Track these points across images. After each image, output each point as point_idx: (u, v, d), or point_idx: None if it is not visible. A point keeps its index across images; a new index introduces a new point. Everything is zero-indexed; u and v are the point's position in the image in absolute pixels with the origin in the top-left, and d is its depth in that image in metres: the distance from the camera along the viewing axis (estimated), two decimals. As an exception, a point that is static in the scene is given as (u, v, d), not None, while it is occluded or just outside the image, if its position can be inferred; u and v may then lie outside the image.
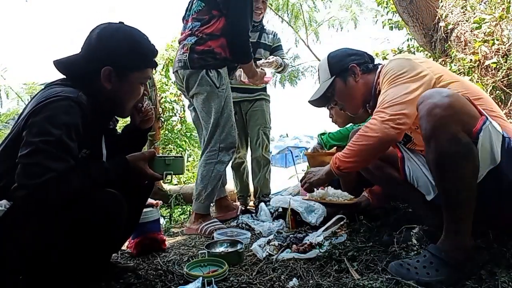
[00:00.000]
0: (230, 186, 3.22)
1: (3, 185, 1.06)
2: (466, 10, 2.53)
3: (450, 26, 2.60)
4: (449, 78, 1.38)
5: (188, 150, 5.40)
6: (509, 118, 2.09)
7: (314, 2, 8.36)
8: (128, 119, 1.52)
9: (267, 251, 1.61)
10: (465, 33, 2.49)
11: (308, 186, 1.70)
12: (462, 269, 1.12)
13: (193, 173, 4.98)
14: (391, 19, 4.32)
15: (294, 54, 9.29)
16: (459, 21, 2.56)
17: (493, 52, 2.21)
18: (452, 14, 2.62)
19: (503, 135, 1.15)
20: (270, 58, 2.75)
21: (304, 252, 1.55)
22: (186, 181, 4.79)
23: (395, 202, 2.02)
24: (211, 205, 2.44)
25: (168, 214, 3.44)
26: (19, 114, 1.19)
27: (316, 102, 1.78)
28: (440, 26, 2.68)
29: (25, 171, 1.00)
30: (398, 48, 3.71)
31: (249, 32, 2.20)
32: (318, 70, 1.78)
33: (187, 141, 5.28)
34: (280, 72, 2.85)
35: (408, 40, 3.85)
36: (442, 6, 2.68)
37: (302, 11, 8.30)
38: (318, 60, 8.16)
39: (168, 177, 1.34)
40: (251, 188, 3.12)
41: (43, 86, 1.26)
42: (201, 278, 1.26)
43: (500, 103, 2.17)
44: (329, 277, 1.31)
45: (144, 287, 1.34)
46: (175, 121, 5.30)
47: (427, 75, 1.36)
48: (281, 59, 2.79)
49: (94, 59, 1.22)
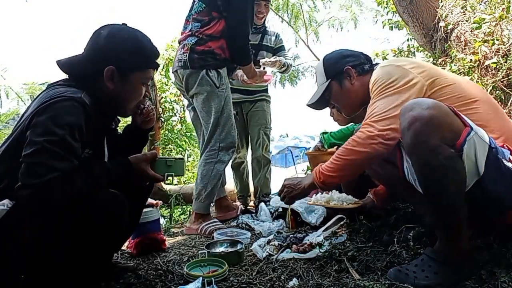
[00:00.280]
0: (230, 186, 3.22)
1: (6, 184, 1.06)
2: (466, 10, 2.53)
3: (450, 26, 2.60)
4: (443, 82, 1.33)
5: (188, 150, 5.41)
6: (509, 118, 2.08)
7: (314, 2, 8.38)
8: (128, 119, 1.53)
9: (267, 251, 1.61)
10: (465, 33, 2.49)
11: (288, 201, 1.62)
12: (461, 270, 1.12)
13: (193, 173, 4.98)
14: (391, 19, 4.32)
15: (294, 54, 9.31)
16: (459, 21, 2.56)
17: (493, 52, 2.21)
18: (452, 14, 2.62)
19: (490, 145, 1.10)
20: (273, 58, 2.75)
21: (304, 252, 1.55)
22: (186, 181, 4.79)
23: (395, 202, 2.02)
24: (211, 205, 2.44)
25: (168, 214, 3.44)
26: (22, 114, 1.19)
27: (314, 105, 1.78)
28: (440, 26, 2.68)
29: (29, 171, 1.00)
30: (398, 48, 3.71)
31: (249, 36, 2.21)
32: (315, 72, 1.78)
33: (187, 141, 5.29)
34: (283, 72, 2.85)
35: (408, 40, 3.84)
36: (442, 6, 2.67)
37: (302, 11, 8.32)
38: (318, 60, 8.16)
39: (169, 178, 1.35)
40: (251, 188, 3.12)
41: (45, 86, 1.26)
42: (201, 278, 1.26)
43: (500, 103, 2.17)
44: (329, 277, 1.31)
45: (144, 287, 1.34)
46: (175, 121, 5.31)
47: (418, 83, 1.32)
48: (284, 59, 2.78)
49: (98, 59, 1.22)
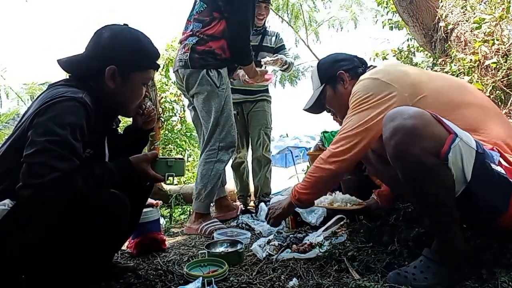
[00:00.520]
0: (230, 186, 3.22)
1: (7, 184, 1.06)
2: (466, 10, 2.52)
3: (450, 26, 2.60)
4: (427, 88, 1.30)
5: (188, 150, 5.40)
6: (509, 118, 2.08)
7: (314, 2, 8.36)
8: (129, 119, 1.53)
9: (267, 251, 1.61)
10: (465, 33, 2.49)
11: (273, 222, 1.69)
12: (460, 270, 1.12)
13: (193, 173, 4.97)
14: (391, 19, 4.31)
15: (294, 54, 9.27)
16: (459, 21, 2.56)
17: (493, 52, 2.20)
18: (452, 14, 2.62)
19: (477, 150, 1.08)
20: (274, 56, 2.76)
21: (304, 252, 1.55)
22: (186, 181, 4.78)
23: (395, 202, 2.02)
24: (211, 205, 2.44)
25: (168, 214, 3.44)
26: (23, 114, 1.19)
27: (310, 110, 1.80)
28: (440, 26, 2.67)
29: (30, 171, 1.00)
30: (398, 48, 3.71)
31: (250, 36, 2.21)
32: (311, 77, 1.79)
33: (187, 141, 5.28)
34: (285, 70, 2.86)
35: (408, 40, 3.84)
36: (442, 6, 2.67)
37: (302, 11, 8.30)
38: (318, 60, 8.15)
39: (169, 178, 1.35)
40: (251, 188, 3.12)
41: (46, 86, 1.26)
42: (201, 278, 1.26)
43: (500, 103, 2.17)
44: (329, 277, 1.31)
45: (144, 287, 1.34)
46: (175, 121, 5.30)
47: (394, 97, 1.30)
48: (285, 57, 2.79)
49: (99, 59, 1.22)
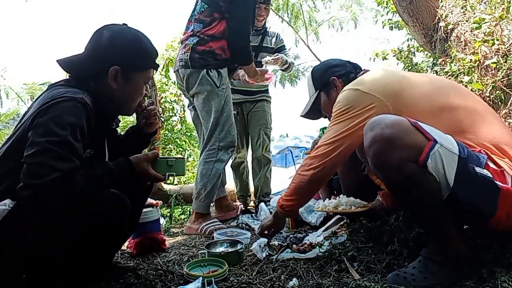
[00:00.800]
0: (230, 186, 3.22)
1: (8, 184, 1.06)
2: (466, 10, 2.52)
3: (450, 26, 2.60)
4: (411, 94, 1.32)
5: (188, 150, 5.40)
6: (509, 118, 2.08)
7: (314, 2, 8.36)
8: (128, 119, 1.53)
9: (267, 251, 1.61)
10: (465, 33, 2.49)
11: (266, 235, 1.72)
12: (460, 270, 1.12)
13: (193, 173, 4.97)
14: (391, 19, 4.30)
15: (294, 54, 9.27)
16: (459, 21, 2.55)
17: (493, 52, 2.20)
18: (452, 14, 2.61)
19: (459, 155, 1.08)
20: (274, 55, 2.77)
21: (304, 252, 1.55)
22: (186, 181, 4.78)
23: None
24: (211, 205, 2.44)
25: (168, 214, 3.44)
26: (23, 115, 1.19)
27: (307, 116, 1.82)
28: (440, 26, 2.67)
29: (30, 171, 1.00)
30: (398, 48, 3.71)
31: (249, 36, 2.22)
32: (307, 83, 1.81)
33: (187, 141, 5.28)
34: (285, 70, 2.86)
35: (408, 40, 3.83)
36: (442, 6, 2.67)
37: (302, 11, 8.30)
38: (318, 60, 8.15)
39: (170, 178, 1.35)
40: (251, 188, 3.12)
41: (46, 86, 1.26)
42: (201, 278, 1.26)
43: (500, 103, 2.16)
44: (329, 277, 1.31)
45: (144, 287, 1.34)
46: (175, 121, 5.30)
47: (375, 107, 1.32)
48: (286, 57, 2.80)
49: (101, 59, 1.23)
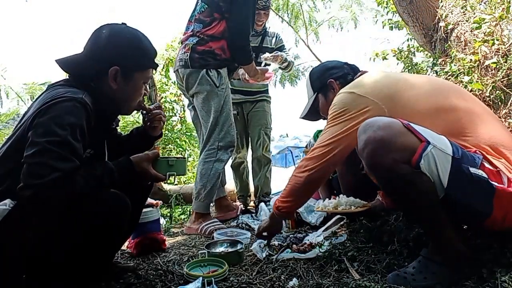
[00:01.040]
0: (230, 186, 3.22)
1: (8, 185, 1.06)
2: (466, 10, 2.52)
3: (450, 26, 2.60)
4: (406, 97, 1.31)
5: (188, 150, 5.40)
6: (509, 118, 2.08)
7: (314, 2, 8.37)
8: (129, 118, 1.53)
9: (267, 251, 1.61)
10: (465, 33, 2.48)
11: (263, 236, 1.73)
12: (460, 270, 1.12)
13: (193, 173, 4.96)
14: (391, 19, 4.30)
15: (294, 54, 9.27)
16: (459, 21, 2.55)
17: (493, 52, 2.20)
18: (452, 14, 2.61)
19: (453, 156, 1.08)
20: (274, 53, 2.79)
21: (304, 252, 1.55)
22: (186, 181, 4.78)
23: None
24: (211, 205, 2.44)
25: (168, 214, 3.44)
26: (23, 115, 1.19)
27: (306, 118, 1.82)
28: (440, 26, 2.67)
29: (30, 171, 1.00)
30: (398, 48, 3.71)
31: (249, 36, 2.22)
32: (306, 85, 1.81)
33: (187, 141, 5.28)
34: (285, 68, 2.87)
35: (408, 40, 3.83)
36: (442, 6, 2.67)
37: (302, 11, 8.30)
38: (318, 60, 8.15)
39: (170, 178, 1.35)
40: (251, 188, 3.12)
41: (46, 86, 1.26)
42: (201, 278, 1.26)
43: (500, 103, 2.16)
44: (329, 277, 1.31)
45: (144, 287, 1.34)
46: (175, 121, 5.30)
47: (370, 110, 1.32)
48: (285, 55, 2.82)
49: (100, 59, 1.23)
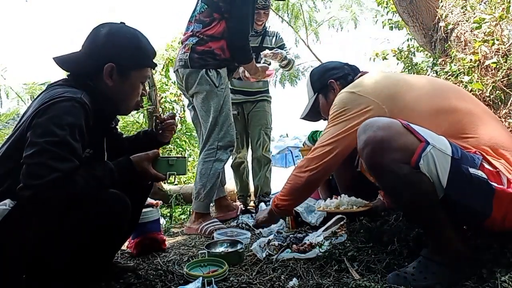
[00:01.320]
0: (230, 186, 3.22)
1: (9, 184, 1.06)
2: (466, 10, 2.52)
3: (450, 26, 2.60)
4: (411, 96, 1.31)
5: (188, 150, 5.40)
6: (509, 118, 2.08)
7: (314, 2, 8.38)
8: (129, 118, 1.54)
9: (267, 251, 1.61)
10: (465, 33, 2.49)
11: (259, 225, 1.82)
12: (460, 270, 1.12)
13: (193, 173, 4.96)
14: (391, 19, 4.30)
15: (294, 54, 9.28)
16: (459, 21, 2.55)
17: (493, 52, 2.20)
18: (452, 14, 2.61)
19: (453, 157, 1.08)
20: (274, 50, 2.79)
21: (304, 252, 1.55)
22: (186, 181, 4.78)
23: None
24: (211, 205, 2.44)
25: (168, 214, 3.44)
26: (22, 115, 1.19)
27: (307, 118, 1.83)
28: (440, 26, 2.67)
29: (29, 172, 1.00)
30: (398, 48, 3.71)
31: (248, 35, 2.23)
32: (306, 86, 1.82)
33: (187, 141, 5.28)
34: (285, 66, 2.87)
35: (408, 40, 3.83)
36: (442, 6, 2.67)
37: (302, 11, 8.31)
38: (318, 60, 8.16)
39: (171, 177, 1.35)
40: (251, 188, 3.12)
41: (45, 86, 1.26)
42: (201, 278, 1.26)
43: (500, 103, 2.16)
44: (329, 277, 1.31)
45: (144, 287, 1.34)
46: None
47: (371, 110, 1.33)
48: (285, 52, 2.82)
49: (97, 56, 1.23)
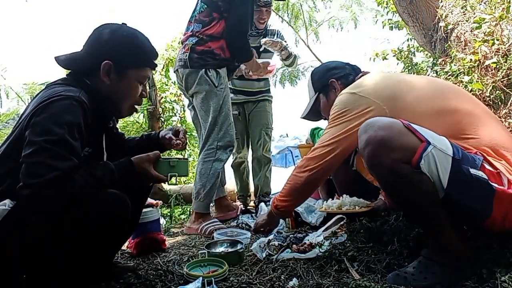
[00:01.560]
0: (230, 186, 3.22)
1: (8, 184, 1.06)
2: (466, 10, 2.52)
3: (450, 26, 2.60)
4: (411, 96, 1.31)
5: (188, 150, 5.39)
6: (509, 118, 2.08)
7: (314, 2, 8.37)
8: (129, 119, 1.54)
9: (267, 251, 1.61)
10: (465, 33, 2.49)
11: (261, 231, 1.81)
12: (460, 270, 1.12)
13: (193, 173, 4.96)
14: (391, 19, 4.31)
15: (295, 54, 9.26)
16: (459, 21, 2.55)
17: (493, 52, 2.20)
18: (452, 14, 2.61)
19: (453, 157, 1.08)
20: (274, 38, 2.79)
21: (304, 252, 1.55)
22: (186, 181, 4.78)
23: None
24: (211, 205, 2.44)
25: (168, 214, 3.44)
26: (21, 114, 1.19)
27: (307, 117, 1.83)
28: (440, 26, 2.67)
29: (29, 171, 0.99)
30: (398, 48, 3.71)
31: (247, 33, 2.23)
32: (307, 85, 1.82)
33: (187, 141, 5.27)
34: (286, 59, 2.85)
35: (408, 40, 3.84)
36: (442, 6, 2.67)
37: (302, 11, 8.31)
38: (318, 60, 8.15)
39: (172, 179, 1.34)
40: (251, 188, 3.12)
41: (44, 86, 1.26)
42: (201, 278, 1.26)
43: (500, 103, 2.16)
44: (329, 277, 1.31)
45: (144, 287, 1.34)
46: (175, 121, 5.29)
47: (372, 110, 1.33)
48: (285, 42, 2.81)
49: (96, 54, 1.23)
